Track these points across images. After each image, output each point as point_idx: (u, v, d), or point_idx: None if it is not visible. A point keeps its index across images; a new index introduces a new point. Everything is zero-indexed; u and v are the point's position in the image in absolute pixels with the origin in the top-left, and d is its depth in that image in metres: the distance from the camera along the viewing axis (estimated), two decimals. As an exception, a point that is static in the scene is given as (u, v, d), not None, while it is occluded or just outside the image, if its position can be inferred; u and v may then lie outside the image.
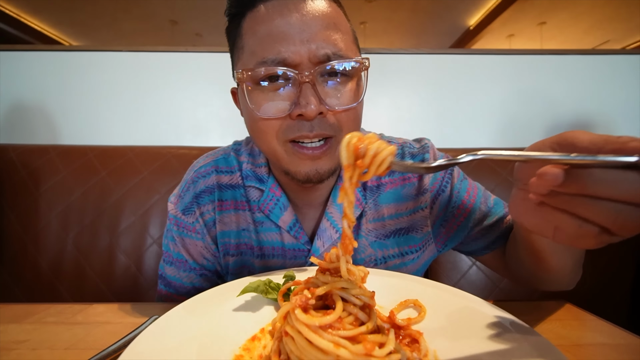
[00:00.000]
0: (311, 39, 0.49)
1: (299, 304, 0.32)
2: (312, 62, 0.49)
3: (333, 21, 0.51)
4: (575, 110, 1.50)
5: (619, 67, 1.49)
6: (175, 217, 0.64)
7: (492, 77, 1.51)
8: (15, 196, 1.10)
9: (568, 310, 0.51)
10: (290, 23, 0.49)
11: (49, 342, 0.43)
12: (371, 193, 0.65)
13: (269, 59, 0.49)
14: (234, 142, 0.72)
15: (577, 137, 0.29)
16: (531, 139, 1.51)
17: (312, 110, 0.48)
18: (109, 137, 1.49)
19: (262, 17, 0.50)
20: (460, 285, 1.06)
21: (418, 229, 0.64)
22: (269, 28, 0.49)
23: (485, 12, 5.33)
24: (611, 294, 1.04)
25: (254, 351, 0.36)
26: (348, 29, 0.55)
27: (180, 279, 0.65)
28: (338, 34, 0.51)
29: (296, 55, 0.48)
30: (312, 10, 0.50)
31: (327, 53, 0.49)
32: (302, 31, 0.49)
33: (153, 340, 0.35)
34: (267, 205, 0.63)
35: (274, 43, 0.49)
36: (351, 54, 0.52)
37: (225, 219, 0.64)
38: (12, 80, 1.45)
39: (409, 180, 0.65)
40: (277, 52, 0.48)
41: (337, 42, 0.50)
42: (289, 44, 0.48)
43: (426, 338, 0.38)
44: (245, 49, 0.52)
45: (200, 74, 1.49)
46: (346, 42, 0.52)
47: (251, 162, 0.66)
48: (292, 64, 0.49)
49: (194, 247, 0.64)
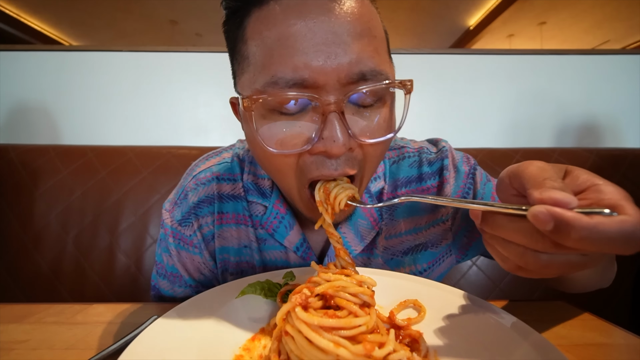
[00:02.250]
0: (341, 51, 0.36)
1: (299, 302, 0.32)
2: (341, 83, 0.37)
3: (367, 25, 0.39)
4: (575, 110, 1.50)
5: (619, 67, 1.49)
6: (172, 227, 0.58)
7: (492, 77, 1.51)
8: (15, 196, 1.10)
9: (568, 310, 0.51)
10: (312, 28, 0.36)
11: (48, 342, 0.43)
12: (387, 208, 0.59)
13: (283, 78, 0.36)
14: (239, 141, 0.66)
15: (522, 170, 0.31)
16: (531, 139, 1.51)
17: (340, 147, 0.38)
18: (109, 137, 1.49)
19: (274, 19, 0.37)
20: (460, 285, 1.06)
21: (437, 243, 0.59)
22: (283, 34, 0.37)
23: (485, 12, 5.32)
24: (612, 294, 1.04)
25: (254, 351, 0.36)
26: (382, 34, 0.42)
27: (174, 295, 0.60)
28: (374, 42, 0.39)
29: (320, 74, 0.36)
30: (341, 11, 0.37)
31: (362, 71, 0.37)
32: (328, 40, 0.36)
33: (153, 340, 0.35)
34: (271, 224, 0.56)
35: (290, 55, 0.36)
36: (388, 69, 0.41)
37: (225, 233, 0.58)
38: (12, 80, 1.45)
39: (427, 190, 0.59)
40: (294, 69, 0.36)
41: (373, 55, 0.38)
42: (311, 58, 0.36)
43: (426, 338, 0.38)
44: (250, 60, 0.40)
45: (200, 74, 1.49)
46: (383, 53, 0.41)
47: (253, 172, 0.59)
48: (314, 85, 0.37)
49: (190, 262, 0.59)
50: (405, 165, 0.60)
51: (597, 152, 1.14)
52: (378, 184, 0.58)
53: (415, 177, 0.60)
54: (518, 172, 0.32)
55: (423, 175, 0.60)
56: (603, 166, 1.11)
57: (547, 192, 0.27)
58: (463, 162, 0.61)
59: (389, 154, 0.62)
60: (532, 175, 0.30)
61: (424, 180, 0.59)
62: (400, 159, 0.61)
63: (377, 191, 0.59)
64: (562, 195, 0.26)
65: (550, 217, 0.25)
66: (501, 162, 1.12)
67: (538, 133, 1.51)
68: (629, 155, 1.12)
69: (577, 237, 0.25)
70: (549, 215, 0.25)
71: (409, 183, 0.60)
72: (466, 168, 0.61)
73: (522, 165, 0.32)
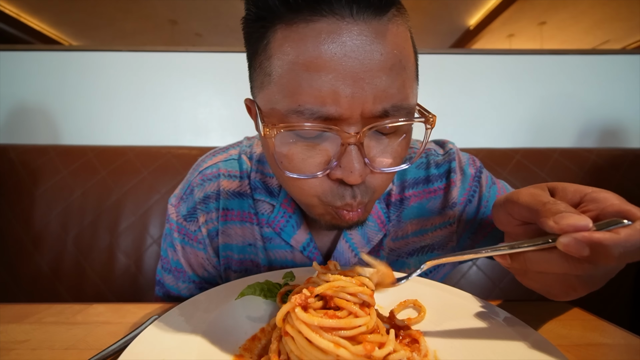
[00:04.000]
0: (368, 87, 0.35)
1: (299, 302, 0.32)
2: (364, 117, 0.37)
3: (399, 57, 0.36)
4: (576, 110, 1.50)
5: (619, 67, 1.49)
6: (177, 222, 0.59)
7: (492, 77, 1.51)
8: (15, 196, 1.10)
9: (568, 310, 0.51)
10: (342, 59, 0.34)
11: (48, 342, 0.43)
12: (395, 208, 0.59)
13: (310, 110, 0.35)
14: (245, 139, 0.65)
15: (516, 201, 0.34)
16: (531, 139, 1.51)
17: (357, 178, 0.38)
18: (109, 137, 1.49)
19: (304, 43, 0.35)
20: (460, 285, 1.06)
21: (443, 245, 0.60)
22: (313, 63, 0.34)
23: (485, 12, 5.32)
24: (612, 294, 1.04)
25: (254, 351, 0.36)
26: (412, 61, 0.40)
27: (178, 290, 0.61)
28: (403, 75, 0.37)
29: (346, 110, 0.35)
30: (374, 40, 0.35)
31: (385, 108, 0.36)
32: (358, 76, 0.34)
33: (153, 340, 0.35)
34: (279, 223, 0.56)
35: (318, 87, 0.35)
36: (412, 100, 0.39)
37: (229, 230, 0.58)
38: (12, 80, 1.45)
39: (434, 192, 0.59)
40: (321, 102, 0.35)
41: (400, 90, 0.37)
42: (339, 93, 0.34)
43: (426, 338, 0.38)
44: (273, 78, 0.38)
45: (200, 74, 1.49)
46: (409, 85, 0.39)
47: (261, 170, 0.58)
48: (338, 118, 0.36)
49: (195, 258, 0.59)
50: (412, 166, 0.61)
51: (597, 152, 1.14)
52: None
53: (423, 178, 0.61)
54: (512, 203, 0.34)
55: (430, 177, 0.60)
56: (603, 166, 1.11)
57: (562, 220, 0.28)
58: (469, 165, 0.62)
59: None
60: (530, 203, 0.32)
61: (431, 182, 0.60)
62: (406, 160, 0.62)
63: (386, 194, 0.59)
64: (577, 219, 0.28)
65: (582, 244, 0.27)
66: (501, 162, 1.12)
67: (538, 133, 1.51)
68: (629, 155, 1.12)
69: (617, 254, 0.26)
70: (581, 243, 0.27)
71: (416, 184, 0.60)
72: (472, 171, 0.61)
73: (512, 196, 0.34)
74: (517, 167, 1.13)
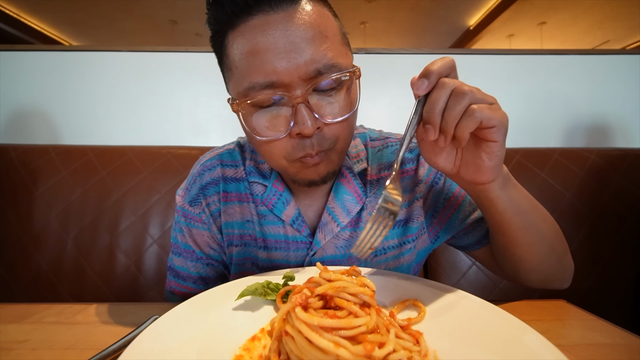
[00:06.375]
0: (298, 55, 0.46)
1: (299, 302, 0.32)
2: (303, 80, 0.47)
3: (319, 29, 0.48)
4: (576, 110, 1.50)
5: (619, 67, 1.49)
6: (183, 208, 0.67)
7: (492, 77, 1.51)
8: (15, 196, 1.10)
9: (568, 310, 0.51)
10: (274, 41, 0.46)
11: (48, 342, 0.43)
12: (371, 187, 0.66)
13: (257, 83, 0.47)
14: (239, 139, 0.74)
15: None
16: (531, 139, 1.51)
17: (310, 128, 0.48)
18: (109, 137, 1.49)
19: (244, 38, 0.47)
20: (460, 285, 1.06)
21: (414, 219, 0.66)
22: (253, 49, 0.47)
23: (485, 12, 5.33)
24: (612, 294, 1.04)
25: (254, 351, 0.36)
26: (335, 30, 0.51)
27: (187, 269, 0.68)
28: (326, 42, 0.48)
29: (285, 76, 0.46)
30: (296, 23, 0.47)
31: (317, 68, 0.47)
32: (287, 49, 0.46)
33: (153, 340, 0.35)
34: (271, 200, 0.65)
35: (260, 65, 0.46)
36: (342, 59, 0.50)
37: (230, 210, 0.67)
38: (12, 81, 1.45)
39: (407, 173, 0.67)
40: (265, 75, 0.46)
41: (326, 53, 0.48)
42: (276, 65, 0.46)
43: (426, 338, 0.38)
44: (233, 71, 0.50)
45: (200, 74, 1.49)
46: (335, 48, 0.50)
47: (254, 158, 0.69)
48: (282, 85, 0.47)
49: (200, 237, 0.67)
50: (388, 152, 0.69)
51: (597, 152, 1.14)
52: (361, 165, 0.67)
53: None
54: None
55: (403, 160, 0.68)
56: (603, 166, 1.11)
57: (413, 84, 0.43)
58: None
59: (375, 143, 0.71)
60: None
61: (404, 164, 0.68)
62: (384, 147, 0.70)
63: (360, 171, 0.67)
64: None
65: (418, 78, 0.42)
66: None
67: (538, 133, 1.51)
68: (629, 155, 1.12)
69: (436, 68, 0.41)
70: (418, 78, 0.42)
71: (390, 166, 0.68)
72: None
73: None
74: (517, 167, 1.13)
